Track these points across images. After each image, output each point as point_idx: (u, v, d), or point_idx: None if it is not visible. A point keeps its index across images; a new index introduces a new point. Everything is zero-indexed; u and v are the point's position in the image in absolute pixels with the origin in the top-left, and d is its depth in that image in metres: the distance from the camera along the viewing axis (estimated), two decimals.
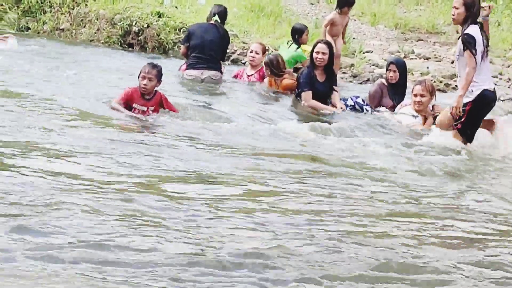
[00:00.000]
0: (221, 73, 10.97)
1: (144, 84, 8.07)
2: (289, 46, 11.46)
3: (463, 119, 8.02)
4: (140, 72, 8.13)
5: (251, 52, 10.98)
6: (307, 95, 9.74)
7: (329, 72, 9.88)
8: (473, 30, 7.92)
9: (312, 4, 17.40)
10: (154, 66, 8.19)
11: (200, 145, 7.07)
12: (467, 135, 8.12)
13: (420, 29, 16.12)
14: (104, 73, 10.56)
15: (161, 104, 8.25)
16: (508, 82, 12.86)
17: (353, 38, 14.64)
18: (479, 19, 8.06)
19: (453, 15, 8.05)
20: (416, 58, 13.96)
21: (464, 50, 7.89)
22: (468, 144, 8.13)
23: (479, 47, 7.91)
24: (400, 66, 10.07)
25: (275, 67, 10.31)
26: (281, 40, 13.49)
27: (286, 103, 9.92)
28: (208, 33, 10.92)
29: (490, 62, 12.64)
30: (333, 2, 12.62)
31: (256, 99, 9.99)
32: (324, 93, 9.79)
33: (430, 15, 16.68)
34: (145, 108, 8.17)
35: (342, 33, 12.23)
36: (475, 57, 7.86)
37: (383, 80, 10.16)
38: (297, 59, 11.36)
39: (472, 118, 8.04)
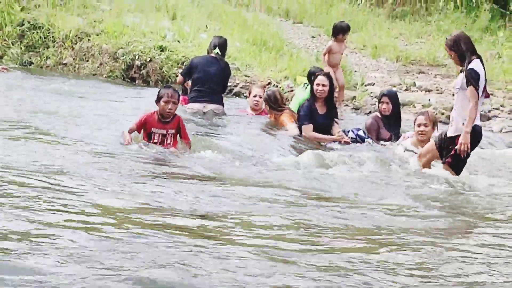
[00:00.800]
0: (223, 106, 10.99)
1: (169, 108, 8.17)
2: (306, 88, 11.50)
3: (452, 152, 8.07)
4: (161, 97, 8.19)
5: (254, 96, 10.92)
6: (307, 128, 9.77)
7: (330, 104, 9.91)
8: (477, 65, 7.97)
9: (313, 37, 17.51)
10: (175, 89, 8.38)
11: (206, 181, 7.07)
12: (456, 168, 8.16)
13: (421, 61, 16.20)
14: (112, 107, 10.62)
15: (179, 129, 8.30)
16: (509, 114, 12.86)
17: (355, 71, 14.71)
18: None
19: (453, 60, 8.28)
20: (417, 91, 13.99)
21: (467, 85, 7.92)
22: (457, 176, 8.18)
23: (482, 83, 7.99)
24: (392, 98, 10.13)
25: (273, 102, 10.37)
26: (283, 73, 13.59)
27: (289, 136, 9.92)
28: (210, 66, 10.95)
29: (492, 94, 12.74)
30: None
31: (260, 133, 9.97)
32: (325, 125, 9.81)
33: (431, 47, 16.78)
34: (164, 131, 8.23)
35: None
36: (477, 92, 7.92)
37: (377, 113, 10.19)
38: None
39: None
